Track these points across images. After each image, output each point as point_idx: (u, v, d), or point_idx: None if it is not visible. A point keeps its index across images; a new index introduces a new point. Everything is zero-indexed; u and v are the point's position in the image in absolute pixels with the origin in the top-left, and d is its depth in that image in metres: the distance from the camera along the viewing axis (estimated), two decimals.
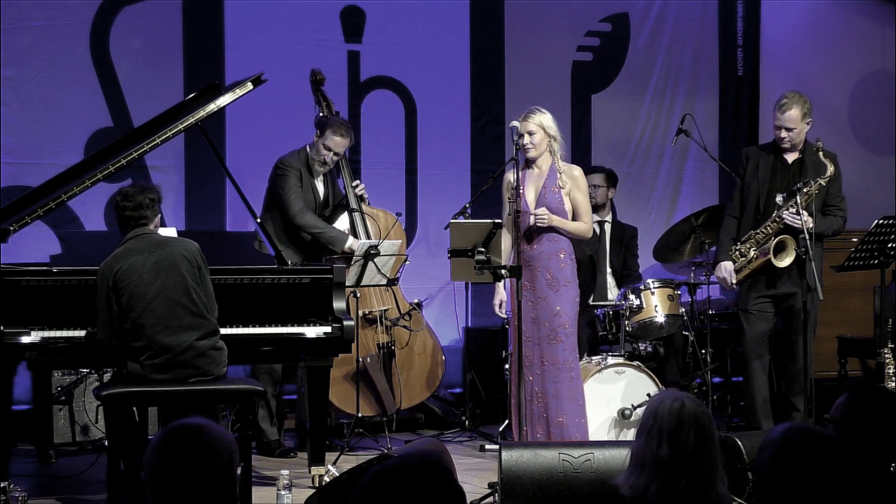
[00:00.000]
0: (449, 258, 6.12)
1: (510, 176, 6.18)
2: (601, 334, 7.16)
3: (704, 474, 3.15)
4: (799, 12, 9.28)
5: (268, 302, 5.76)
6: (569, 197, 6.19)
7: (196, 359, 5.23)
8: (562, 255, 6.17)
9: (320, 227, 6.82)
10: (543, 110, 6.22)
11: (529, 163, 6.22)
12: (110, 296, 5.19)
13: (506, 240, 6.16)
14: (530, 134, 6.15)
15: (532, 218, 6.13)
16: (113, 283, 5.18)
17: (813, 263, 6.27)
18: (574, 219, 6.21)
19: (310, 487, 5.71)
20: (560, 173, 6.17)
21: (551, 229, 6.14)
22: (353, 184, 7.05)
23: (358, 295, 6.73)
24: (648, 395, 6.46)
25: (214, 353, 5.31)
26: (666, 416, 3.17)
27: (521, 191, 6.13)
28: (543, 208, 6.10)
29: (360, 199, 7.06)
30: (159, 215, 5.49)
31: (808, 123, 6.61)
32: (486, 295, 8.28)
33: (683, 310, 7.08)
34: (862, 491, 2.53)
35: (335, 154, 6.84)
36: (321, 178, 6.95)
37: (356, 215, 7.00)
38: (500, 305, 6.30)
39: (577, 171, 6.27)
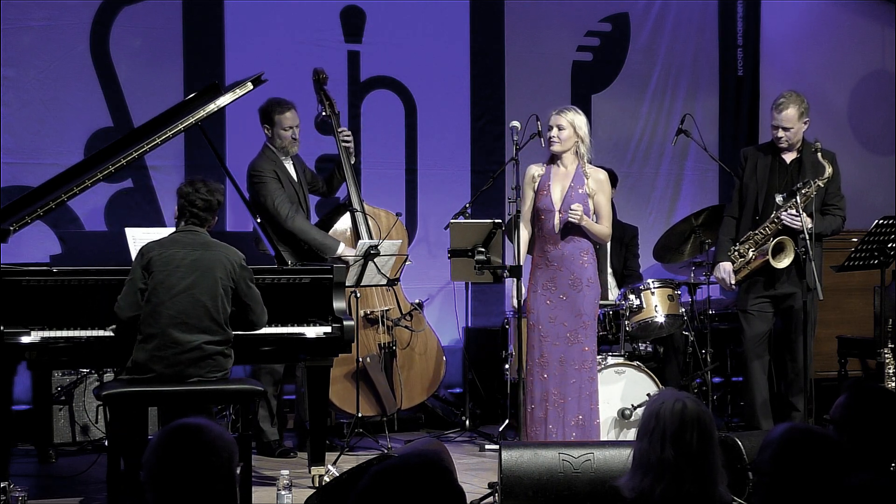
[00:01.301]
0: (449, 258, 6.12)
1: (534, 170, 6.16)
2: (601, 334, 7.16)
3: (707, 474, 3.16)
4: (799, 12, 9.28)
5: (268, 302, 5.75)
6: (592, 200, 6.16)
7: (201, 360, 5.24)
8: (585, 256, 6.15)
9: (311, 233, 6.79)
10: (580, 112, 6.20)
11: (554, 159, 6.19)
12: (142, 273, 5.26)
13: (524, 233, 6.15)
14: (559, 128, 6.12)
15: (557, 216, 6.09)
16: (146, 263, 5.26)
17: (812, 263, 6.27)
18: (596, 222, 6.18)
19: (310, 487, 5.71)
20: (587, 178, 6.14)
21: (576, 230, 6.10)
22: (340, 130, 7.06)
23: (359, 295, 6.73)
24: (648, 394, 6.46)
25: (221, 358, 5.32)
26: (668, 418, 3.17)
27: (547, 189, 6.10)
28: (579, 204, 6.05)
29: (346, 150, 7.05)
30: (216, 218, 5.54)
31: (805, 123, 6.61)
32: (486, 295, 8.30)
33: (683, 310, 7.08)
34: (860, 490, 2.53)
35: (295, 128, 6.85)
36: (289, 161, 6.94)
37: (358, 215, 7.00)
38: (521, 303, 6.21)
39: (603, 174, 6.24)
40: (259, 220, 6.24)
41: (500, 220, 6.15)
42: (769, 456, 2.81)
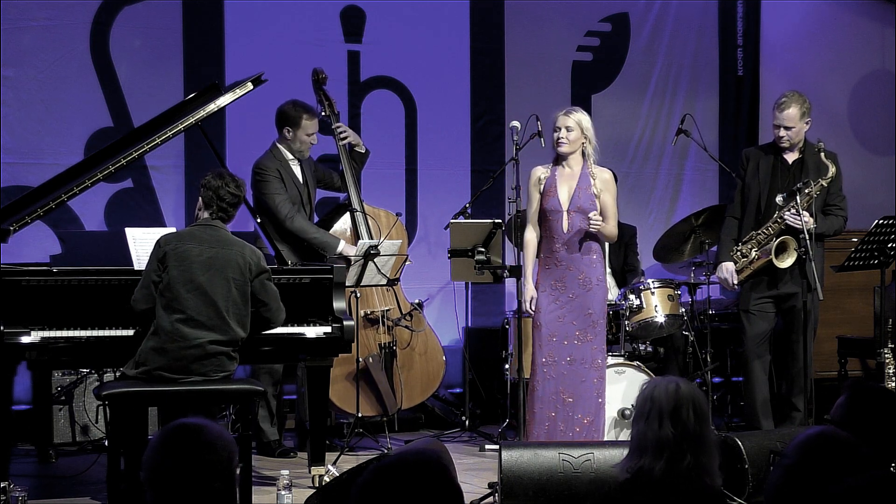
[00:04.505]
0: (449, 258, 6.13)
1: (539, 172, 6.15)
2: None
3: (703, 451, 3.26)
4: (799, 12, 9.28)
5: None
6: (599, 199, 6.16)
7: (204, 358, 5.24)
8: (594, 256, 6.16)
9: (311, 232, 6.80)
10: (585, 112, 6.21)
11: (560, 160, 6.18)
12: (157, 266, 5.26)
13: (531, 234, 6.14)
14: (568, 129, 6.11)
15: (566, 216, 6.08)
16: (162, 256, 5.26)
17: (813, 263, 6.28)
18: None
19: (310, 487, 5.71)
20: (594, 178, 6.15)
21: (585, 230, 6.11)
22: (335, 126, 7.08)
23: (359, 295, 6.73)
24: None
25: (225, 359, 5.31)
26: (664, 398, 3.27)
27: (554, 190, 6.09)
28: (597, 213, 6.07)
29: (344, 148, 7.06)
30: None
31: (806, 123, 6.61)
32: (486, 295, 8.30)
33: (683, 310, 7.08)
34: (859, 491, 2.53)
35: (315, 134, 6.90)
36: (296, 162, 6.95)
37: (358, 215, 7.00)
38: (531, 301, 6.14)
39: (608, 174, 6.25)
40: (259, 220, 6.24)
41: (500, 220, 6.16)
42: (797, 444, 2.85)
